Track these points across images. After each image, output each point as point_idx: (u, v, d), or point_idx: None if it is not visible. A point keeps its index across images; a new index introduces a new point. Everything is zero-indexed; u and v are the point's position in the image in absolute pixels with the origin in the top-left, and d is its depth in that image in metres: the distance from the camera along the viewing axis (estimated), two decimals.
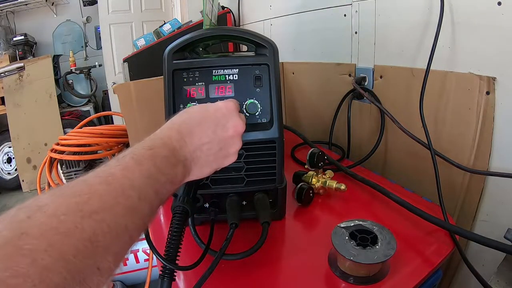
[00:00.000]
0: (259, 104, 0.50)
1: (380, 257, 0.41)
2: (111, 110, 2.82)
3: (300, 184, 0.61)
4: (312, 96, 1.07)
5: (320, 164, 0.64)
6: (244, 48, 1.24)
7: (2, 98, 2.73)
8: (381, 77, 0.80)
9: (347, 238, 0.44)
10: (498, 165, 0.59)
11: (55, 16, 3.25)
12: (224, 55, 0.55)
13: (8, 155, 2.89)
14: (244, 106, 0.49)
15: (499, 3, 0.54)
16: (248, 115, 0.49)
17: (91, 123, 1.36)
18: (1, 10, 3.01)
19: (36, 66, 2.81)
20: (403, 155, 0.78)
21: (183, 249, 0.37)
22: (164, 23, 1.70)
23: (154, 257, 0.40)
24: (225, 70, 0.50)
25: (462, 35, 0.61)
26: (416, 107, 0.67)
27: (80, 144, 1.08)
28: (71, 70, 3.10)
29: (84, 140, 1.08)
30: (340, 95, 0.91)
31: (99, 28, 2.90)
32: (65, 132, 2.77)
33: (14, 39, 2.98)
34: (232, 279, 0.45)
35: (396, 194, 0.58)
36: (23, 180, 2.77)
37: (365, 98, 0.78)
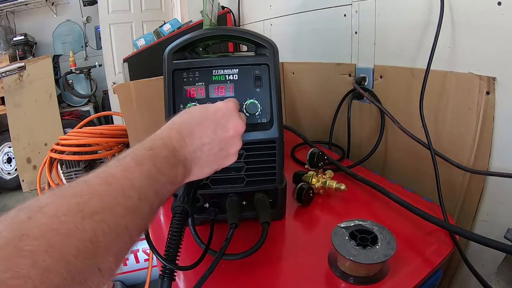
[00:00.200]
0: (259, 104, 0.50)
1: (380, 257, 0.41)
2: (111, 110, 2.82)
3: (300, 184, 0.61)
4: (312, 96, 1.07)
5: (320, 164, 0.65)
6: (244, 48, 1.24)
7: (2, 98, 2.73)
8: (381, 77, 0.80)
9: (347, 238, 0.44)
10: (498, 165, 0.60)
11: (55, 16, 3.25)
12: (224, 55, 0.55)
13: (8, 155, 2.88)
14: (244, 106, 0.49)
15: (499, 3, 0.54)
16: (248, 115, 0.49)
17: (91, 123, 1.36)
18: (1, 10, 3.01)
19: (36, 66, 2.81)
20: (403, 155, 0.78)
21: (183, 249, 0.37)
22: (164, 23, 1.70)
23: (154, 257, 0.40)
24: (225, 70, 0.50)
25: (462, 35, 0.61)
26: (416, 107, 0.67)
27: (80, 144, 1.08)
28: (71, 70, 3.10)
29: (84, 140, 1.08)
30: (340, 95, 0.91)
31: (99, 28, 2.90)
32: (65, 132, 2.77)
33: (14, 39, 2.98)
34: (232, 279, 0.45)
35: (396, 194, 0.58)
36: (23, 180, 2.77)
37: (365, 98, 0.78)
